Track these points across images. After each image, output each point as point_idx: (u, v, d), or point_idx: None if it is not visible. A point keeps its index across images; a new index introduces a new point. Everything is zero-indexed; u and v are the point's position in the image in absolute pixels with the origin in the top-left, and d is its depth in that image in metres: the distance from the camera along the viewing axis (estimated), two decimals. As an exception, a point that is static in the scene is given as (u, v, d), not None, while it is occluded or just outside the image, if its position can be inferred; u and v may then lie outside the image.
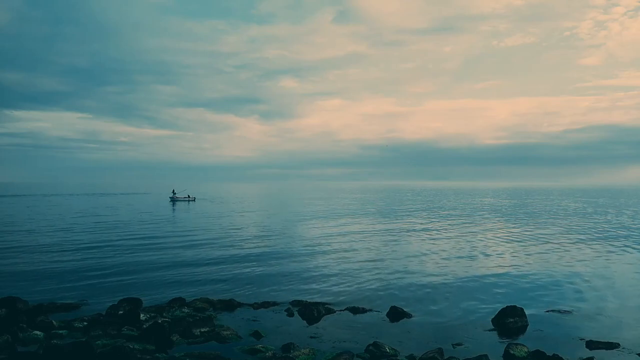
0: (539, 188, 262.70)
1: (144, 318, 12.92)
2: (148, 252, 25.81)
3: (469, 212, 61.46)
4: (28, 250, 26.07)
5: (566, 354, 10.58)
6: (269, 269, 21.46)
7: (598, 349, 11.21)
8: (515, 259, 24.28)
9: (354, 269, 21.40)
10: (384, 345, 10.86)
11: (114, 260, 23.12)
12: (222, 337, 11.75)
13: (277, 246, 28.82)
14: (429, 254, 26.09)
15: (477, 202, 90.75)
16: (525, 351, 10.67)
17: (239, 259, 23.83)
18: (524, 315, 13.30)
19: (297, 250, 27.10)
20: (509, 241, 31.68)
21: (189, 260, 23.53)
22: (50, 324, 12.23)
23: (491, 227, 41.34)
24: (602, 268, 22.01)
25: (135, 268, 21.26)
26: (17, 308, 13.42)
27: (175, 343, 11.27)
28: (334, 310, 14.53)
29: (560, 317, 14.04)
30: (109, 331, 11.86)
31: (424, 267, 21.96)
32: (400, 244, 30.37)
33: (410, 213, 60.33)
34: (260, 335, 12.06)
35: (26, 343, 11.04)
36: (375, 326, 13.13)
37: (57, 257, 24.05)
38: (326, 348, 11.13)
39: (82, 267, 21.38)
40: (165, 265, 21.94)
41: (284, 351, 10.68)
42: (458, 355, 10.66)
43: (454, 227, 41.18)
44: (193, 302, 14.82)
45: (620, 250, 27.79)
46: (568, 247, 28.94)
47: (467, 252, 26.77)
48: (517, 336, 12.28)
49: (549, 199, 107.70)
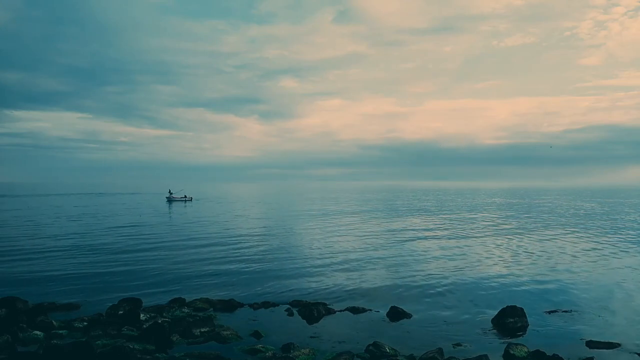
0: (539, 188, 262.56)
1: (144, 318, 12.93)
2: (148, 252, 25.81)
3: (469, 212, 61.48)
4: (28, 250, 26.07)
5: (566, 354, 10.59)
6: (269, 269, 21.46)
7: (598, 349, 11.21)
8: (516, 259, 24.28)
9: (354, 269, 21.41)
10: (384, 345, 10.86)
11: (114, 260, 23.12)
12: (222, 337, 11.75)
13: (277, 246, 28.82)
14: (429, 254, 26.09)
15: (477, 202, 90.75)
16: (525, 351, 10.67)
17: (239, 259, 23.84)
18: (524, 315, 13.30)
19: (297, 250, 27.10)
20: (509, 241, 31.67)
21: (189, 260, 23.53)
22: (50, 324, 12.23)
23: (491, 227, 41.34)
24: (603, 268, 22.02)
25: (135, 268, 21.27)
26: (17, 308, 13.43)
27: (175, 343, 11.28)
28: (334, 310, 14.53)
29: (560, 317, 14.05)
30: (109, 331, 11.86)
31: (424, 267, 21.96)
32: (400, 243, 30.37)
33: (411, 213, 60.34)
34: (260, 335, 12.07)
35: (26, 343, 11.04)
36: (375, 326, 13.13)
37: (57, 257, 24.04)
38: (326, 348, 11.14)
39: (82, 267, 21.38)
40: (165, 265, 21.95)
41: (284, 351, 10.68)
42: (458, 355, 10.67)
43: (454, 227, 41.18)
44: (193, 302, 14.83)
45: (621, 250, 27.79)
46: (568, 247, 28.95)
47: (467, 252, 26.77)
48: (517, 336, 12.27)
49: (549, 199, 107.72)
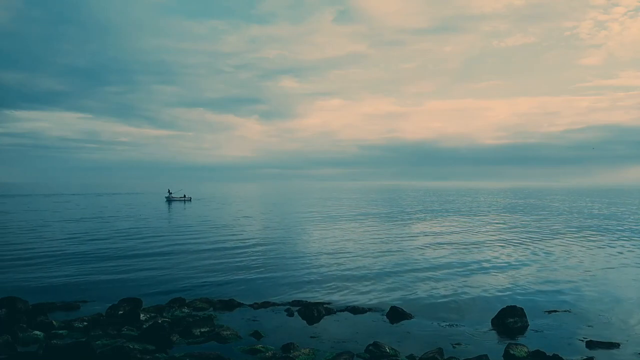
0: (540, 188, 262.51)
1: (144, 318, 12.92)
2: (148, 252, 25.81)
3: (469, 212, 61.47)
4: (28, 250, 26.05)
5: (566, 354, 10.59)
6: (269, 269, 21.46)
7: (598, 349, 11.21)
8: (516, 259, 24.28)
9: (354, 269, 21.40)
10: (384, 345, 10.86)
11: (113, 261, 23.13)
12: (222, 337, 11.75)
13: (277, 246, 28.82)
14: (429, 254, 26.07)
15: (477, 202, 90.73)
16: (525, 351, 10.66)
17: (239, 259, 23.82)
18: (524, 315, 13.30)
19: (297, 250, 27.10)
20: (509, 241, 31.67)
21: (189, 260, 23.53)
22: (50, 324, 12.23)
23: (491, 227, 41.34)
24: (603, 268, 22.00)
25: (135, 268, 21.27)
26: (17, 308, 13.43)
27: (175, 343, 11.27)
28: (334, 310, 14.53)
29: (560, 317, 14.04)
30: (109, 331, 11.86)
31: (424, 267, 21.94)
32: (399, 243, 30.36)
33: (410, 213, 60.32)
34: (260, 335, 12.06)
35: (26, 343, 11.03)
36: (375, 326, 13.13)
37: (57, 257, 24.04)
38: (326, 348, 11.13)
39: (82, 267, 21.39)
40: (165, 265, 21.95)
41: (284, 351, 10.67)
42: (458, 355, 10.66)
43: (454, 227, 41.17)
44: (193, 302, 14.83)
45: (621, 249, 27.78)
46: (568, 246, 28.94)
47: (467, 252, 26.77)
48: (517, 336, 12.27)
49: (549, 199, 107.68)
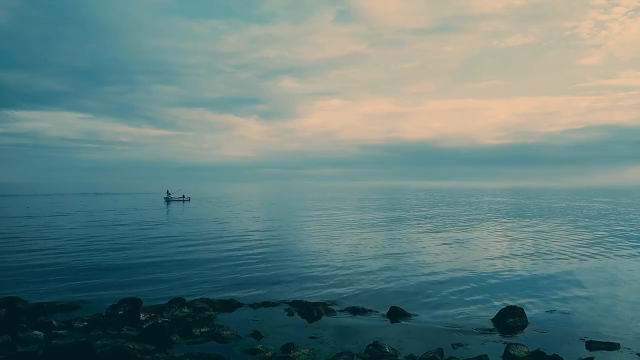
0: (540, 188, 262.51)
1: (144, 318, 12.92)
2: (148, 252, 25.81)
3: (469, 212, 61.47)
4: (28, 250, 26.05)
5: (566, 354, 10.59)
6: (269, 269, 21.46)
7: (598, 349, 11.20)
8: (516, 259, 24.28)
9: (354, 269, 21.40)
10: (384, 345, 10.86)
11: (114, 260, 23.12)
12: (222, 337, 11.75)
13: (277, 246, 28.82)
14: (429, 253, 26.08)
15: (477, 202, 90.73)
16: (525, 351, 10.66)
17: (239, 259, 23.83)
18: (524, 315, 13.31)
19: (297, 250, 27.10)
20: (509, 241, 31.68)
21: (189, 260, 23.53)
22: (50, 324, 12.22)
23: (491, 227, 41.34)
24: (603, 268, 22.01)
25: (135, 268, 21.26)
26: (17, 308, 13.43)
27: (175, 343, 11.27)
28: (334, 310, 14.53)
29: (560, 317, 14.05)
30: (109, 331, 11.85)
31: (424, 267, 21.95)
32: (399, 243, 30.36)
33: (410, 213, 60.32)
34: (260, 335, 12.06)
35: (26, 343, 11.03)
36: (375, 326, 13.12)
37: (57, 257, 24.03)
38: (326, 348, 11.13)
39: (82, 267, 21.38)
40: (165, 265, 21.94)
41: (284, 351, 10.67)
42: (458, 355, 10.66)
43: (454, 227, 41.17)
44: (193, 302, 14.81)
45: (622, 250, 27.78)
46: (569, 246, 28.94)
47: (467, 251, 26.77)
48: (517, 336, 12.27)
49: (550, 199, 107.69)
